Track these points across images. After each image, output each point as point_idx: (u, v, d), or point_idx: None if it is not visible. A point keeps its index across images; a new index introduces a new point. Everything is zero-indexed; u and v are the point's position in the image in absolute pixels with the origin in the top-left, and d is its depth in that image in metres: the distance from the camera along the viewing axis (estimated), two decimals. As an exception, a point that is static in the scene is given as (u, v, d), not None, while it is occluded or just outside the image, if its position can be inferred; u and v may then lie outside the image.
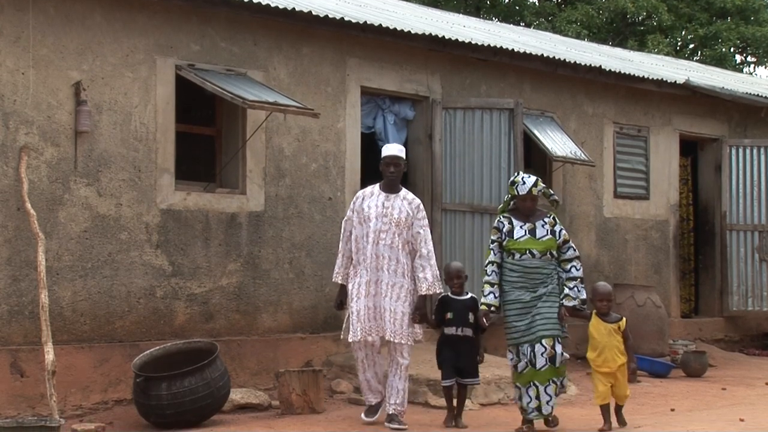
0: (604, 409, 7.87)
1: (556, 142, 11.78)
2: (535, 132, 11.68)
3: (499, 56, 11.51)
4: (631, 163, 13.32)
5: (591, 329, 7.93)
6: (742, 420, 8.14)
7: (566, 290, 7.80)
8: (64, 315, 8.41)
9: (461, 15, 16.22)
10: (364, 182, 10.63)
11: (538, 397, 7.73)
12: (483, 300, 7.90)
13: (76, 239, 8.54)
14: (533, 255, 7.83)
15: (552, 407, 7.78)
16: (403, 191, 8.16)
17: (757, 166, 13.98)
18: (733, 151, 14.06)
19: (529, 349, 7.74)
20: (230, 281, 9.44)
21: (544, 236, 7.88)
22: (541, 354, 7.68)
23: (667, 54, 23.84)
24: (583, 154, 12.03)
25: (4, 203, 8.17)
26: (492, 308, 7.87)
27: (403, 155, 8.18)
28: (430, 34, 10.74)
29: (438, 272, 8.02)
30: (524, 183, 7.95)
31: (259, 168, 9.72)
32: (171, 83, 9.14)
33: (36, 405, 8.07)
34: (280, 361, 9.45)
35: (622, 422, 7.97)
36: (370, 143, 11.13)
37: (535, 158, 12.23)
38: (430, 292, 7.98)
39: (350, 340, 7.98)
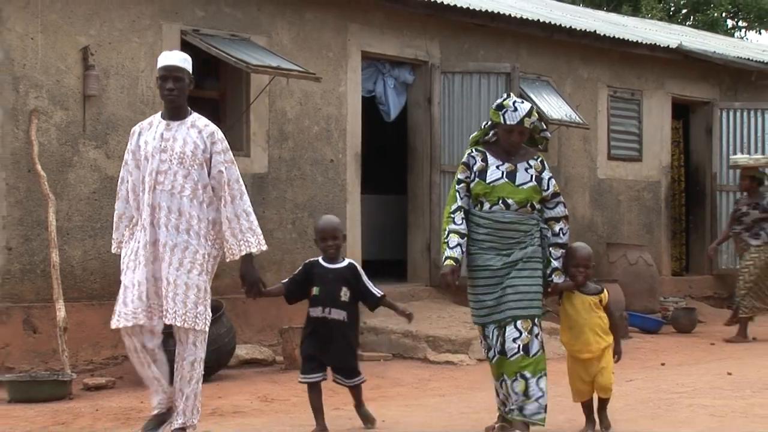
0: (585, 406, 5.93)
1: (552, 106, 11.74)
2: (532, 96, 11.63)
3: (496, 22, 11.44)
4: (625, 126, 13.29)
5: (564, 303, 5.89)
6: (729, 374, 8.18)
7: (554, 262, 5.77)
8: (74, 273, 8.42)
9: (460, -19, 16.15)
10: (365, 145, 10.66)
11: (523, 393, 5.64)
12: (448, 253, 5.68)
13: (85, 200, 8.53)
14: (507, 206, 5.70)
15: (532, 410, 5.61)
16: (193, 116, 5.61)
17: (747, 128, 13.95)
18: (724, 114, 14.01)
19: (496, 332, 5.71)
20: (235, 241, 9.44)
21: (526, 183, 5.75)
22: (513, 340, 5.62)
23: (661, 19, 23.70)
24: (577, 117, 12.00)
25: (16, 165, 8.16)
26: (460, 264, 5.72)
27: (187, 65, 5.57)
28: (429, 0, 10.69)
29: (255, 223, 5.59)
30: (516, 109, 5.71)
31: (262, 131, 9.70)
32: (176, 48, 9.08)
33: (48, 360, 8.10)
34: (283, 318, 9.47)
35: (605, 425, 5.92)
36: (371, 107, 11.11)
37: (531, 121, 12.19)
38: (252, 250, 5.54)
39: (114, 326, 5.49)
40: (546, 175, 5.82)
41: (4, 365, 7.95)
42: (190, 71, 5.58)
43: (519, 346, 5.61)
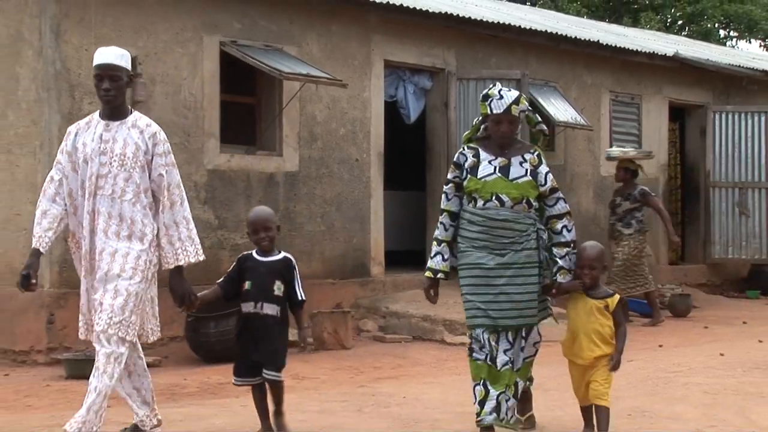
0: (585, 410, 5.12)
1: (559, 109, 11.74)
2: (540, 100, 11.63)
3: (507, 32, 11.44)
4: (625, 128, 13.26)
5: (568, 304, 5.11)
6: (722, 354, 8.16)
7: (559, 261, 5.00)
8: (124, 263, 8.47)
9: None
10: (387, 146, 10.68)
11: (496, 398, 4.98)
12: (428, 264, 5.13)
13: (134, 196, 8.59)
14: (502, 202, 4.95)
15: (513, 411, 5.05)
16: (134, 116, 4.83)
17: (738, 129, 13.88)
18: (717, 117, 13.95)
19: (488, 340, 4.95)
20: (269, 233, 9.49)
21: (520, 177, 4.99)
22: (504, 351, 4.97)
23: (658, 29, 23.57)
24: (582, 120, 11.99)
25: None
26: (439, 275, 5.07)
27: (124, 62, 4.75)
28: (446, 12, 10.68)
29: (194, 232, 4.83)
30: (501, 97, 4.96)
31: (294, 133, 9.74)
32: (216, 58, 9.15)
33: (101, 341, 8.17)
34: (313, 304, 9.48)
35: (602, 428, 5.02)
36: (393, 111, 11.13)
37: (540, 123, 12.18)
38: (183, 262, 4.79)
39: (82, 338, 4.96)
40: (543, 169, 5.04)
41: (62, 345, 8.05)
42: (129, 67, 4.78)
43: (510, 359, 4.98)
